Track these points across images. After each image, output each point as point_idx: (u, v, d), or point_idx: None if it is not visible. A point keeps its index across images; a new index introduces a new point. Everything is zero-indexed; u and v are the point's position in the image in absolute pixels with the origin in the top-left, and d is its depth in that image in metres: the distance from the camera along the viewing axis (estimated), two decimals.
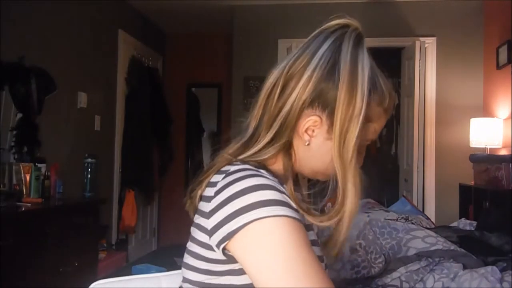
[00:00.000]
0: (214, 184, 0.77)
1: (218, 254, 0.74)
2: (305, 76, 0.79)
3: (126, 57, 4.65)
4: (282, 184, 0.78)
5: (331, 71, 0.79)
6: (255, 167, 0.79)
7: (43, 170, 2.97)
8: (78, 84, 3.78)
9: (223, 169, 0.80)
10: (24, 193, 2.78)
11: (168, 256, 4.44)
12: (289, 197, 0.75)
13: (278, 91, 0.81)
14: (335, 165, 0.78)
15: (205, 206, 0.77)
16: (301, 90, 0.79)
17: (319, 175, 0.86)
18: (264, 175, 0.75)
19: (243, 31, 4.59)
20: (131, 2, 4.66)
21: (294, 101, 0.79)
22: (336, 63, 0.79)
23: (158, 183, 5.20)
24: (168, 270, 1.20)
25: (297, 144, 0.83)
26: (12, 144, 2.87)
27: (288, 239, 0.69)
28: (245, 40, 4.57)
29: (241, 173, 0.75)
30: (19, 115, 2.91)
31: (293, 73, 0.80)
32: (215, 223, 0.73)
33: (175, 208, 5.19)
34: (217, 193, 0.74)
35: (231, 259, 0.74)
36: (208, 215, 0.75)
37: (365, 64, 0.81)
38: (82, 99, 3.82)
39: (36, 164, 2.90)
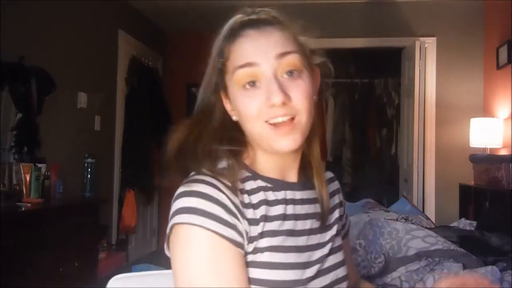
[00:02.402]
0: None
1: None
2: None
3: (126, 57, 4.64)
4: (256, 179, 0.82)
5: None
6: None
7: (43, 170, 2.96)
8: (78, 84, 3.77)
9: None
10: (24, 193, 2.78)
11: (168, 256, 4.44)
12: (241, 205, 0.76)
13: None
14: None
15: None
16: None
17: None
18: (209, 180, 0.76)
19: None
20: (131, 2, 4.65)
21: None
22: None
23: (158, 183, 5.19)
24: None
25: None
26: (12, 144, 2.87)
27: (194, 249, 0.72)
28: None
29: (190, 178, 0.78)
30: (19, 115, 2.90)
31: None
32: None
33: None
34: None
35: None
36: None
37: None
38: (82, 99, 3.82)
39: (36, 164, 2.89)
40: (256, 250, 0.76)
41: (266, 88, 0.77)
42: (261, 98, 0.78)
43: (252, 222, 0.77)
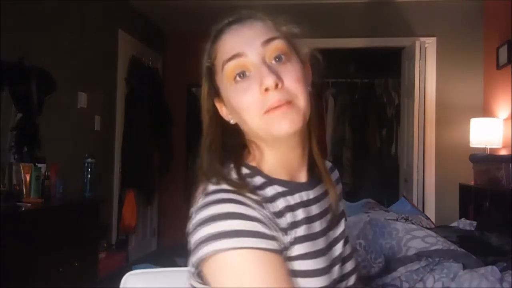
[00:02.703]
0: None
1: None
2: None
3: (126, 57, 4.64)
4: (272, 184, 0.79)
5: None
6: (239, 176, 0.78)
7: (43, 170, 2.96)
8: (78, 84, 3.77)
9: (207, 187, 0.77)
10: (24, 193, 2.77)
11: (168, 256, 4.44)
12: (272, 216, 0.73)
13: None
14: None
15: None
16: None
17: None
18: (237, 198, 0.72)
19: None
20: (131, 2, 4.65)
21: None
22: None
23: (158, 184, 5.20)
24: None
25: None
26: (12, 144, 2.87)
27: (249, 272, 0.68)
28: None
29: (213, 196, 0.73)
30: (19, 115, 2.90)
31: None
32: (190, 246, 0.73)
33: (175, 208, 5.19)
34: (194, 214, 0.74)
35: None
36: (188, 235, 0.74)
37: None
38: (82, 99, 3.82)
39: (36, 164, 2.89)
40: (287, 259, 0.74)
41: (257, 75, 0.76)
42: (254, 86, 0.76)
43: (284, 231, 0.75)
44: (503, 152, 3.72)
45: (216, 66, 0.81)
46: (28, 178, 2.80)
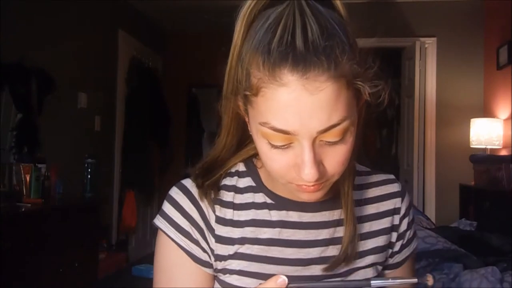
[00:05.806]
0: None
1: None
2: None
3: (126, 57, 4.64)
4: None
5: None
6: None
7: (43, 170, 2.96)
8: (78, 84, 3.77)
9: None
10: (24, 194, 2.77)
11: None
12: (214, 221, 0.73)
13: None
14: None
15: None
16: None
17: None
18: (189, 189, 0.76)
19: None
20: (131, 2, 4.65)
21: None
22: None
23: (158, 184, 5.20)
24: None
25: None
26: (12, 144, 2.87)
27: (157, 253, 0.77)
28: None
29: (184, 180, 0.80)
30: (19, 115, 2.90)
31: None
32: None
33: None
34: None
35: None
36: None
37: None
38: (82, 99, 3.82)
39: (36, 164, 2.89)
40: (225, 271, 0.72)
41: (298, 154, 0.61)
42: (290, 157, 0.62)
43: (224, 240, 0.72)
44: (504, 152, 3.72)
45: (253, 103, 0.63)
46: (28, 179, 2.80)
